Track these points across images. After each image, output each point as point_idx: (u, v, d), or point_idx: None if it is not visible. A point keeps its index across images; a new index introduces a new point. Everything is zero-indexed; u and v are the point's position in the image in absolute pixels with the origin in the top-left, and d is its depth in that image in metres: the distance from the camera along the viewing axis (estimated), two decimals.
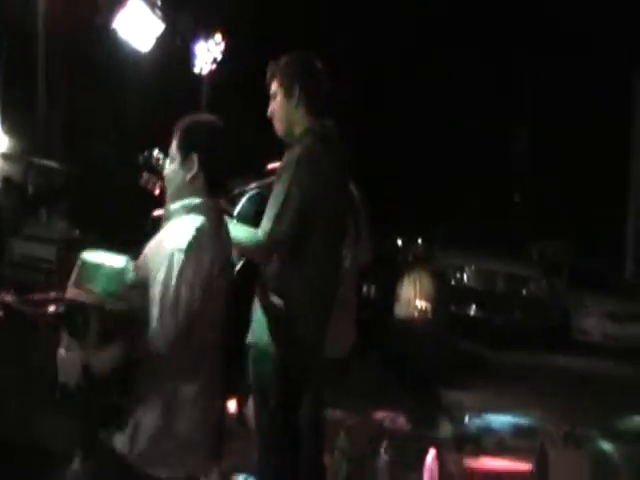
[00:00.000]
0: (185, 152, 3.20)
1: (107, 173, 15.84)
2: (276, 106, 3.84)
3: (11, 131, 19.56)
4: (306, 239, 3.65)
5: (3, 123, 18.94)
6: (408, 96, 22.51)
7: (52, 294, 3.66)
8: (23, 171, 17.32)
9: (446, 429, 6.63)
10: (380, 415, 6.64)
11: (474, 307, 12.89)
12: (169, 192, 3.26)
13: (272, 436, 3.76)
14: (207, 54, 17.21)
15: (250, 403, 3.95)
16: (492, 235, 16.11)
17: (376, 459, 4.95)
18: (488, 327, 12.49)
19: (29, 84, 17.58)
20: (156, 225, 3.28)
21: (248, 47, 17.33)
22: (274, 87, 3.84)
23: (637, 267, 19.35)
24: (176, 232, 3.09)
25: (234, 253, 3.49)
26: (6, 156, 17.91)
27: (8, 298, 3.70)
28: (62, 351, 2.91)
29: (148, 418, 2.99)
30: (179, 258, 3.00)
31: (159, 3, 13.53)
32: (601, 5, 19.09)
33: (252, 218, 3.74)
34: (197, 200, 3.17)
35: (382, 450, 4.78)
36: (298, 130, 3.82)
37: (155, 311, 2.96)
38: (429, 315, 8.68)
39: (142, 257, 3.09)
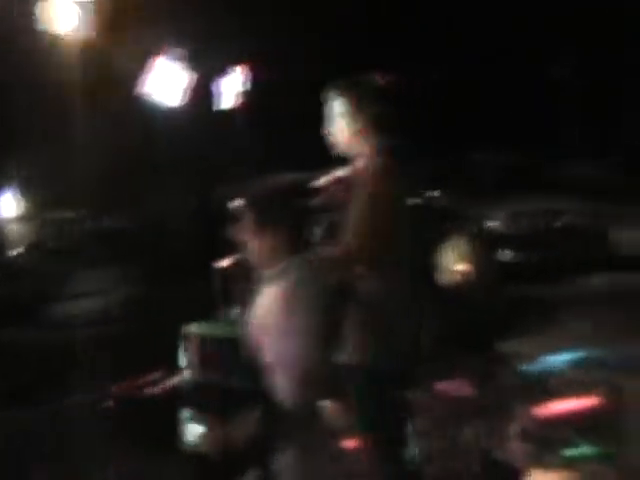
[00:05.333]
0: (261, 229, 3.31)
1: (151, 222, 15.77)
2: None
3: (27, 190, 19.58)
4: (386, 252, 3.83)
5: (21, 184, 19.02)
6: None
7: (156, 375, 3.72)
8: (39, 228, 17.18)
9: (510, 382, 6.61)
10: (444, 386, 6.63)
11: (513, 252, 12.76)
12: (256, 260, 3.32)
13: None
14: (233, 88, 16.90)
15: None
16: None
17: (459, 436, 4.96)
18: (530, 268, 12.43)
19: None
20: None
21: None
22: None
23: None
24: (278, 296, 3.28)
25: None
26: (22, 218, 17.93)
27: (115, 389, 3.81)
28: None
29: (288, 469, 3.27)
30: (286, 314, 3.23)
31: (186, 54, 13.46)
32: None
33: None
34: (286, 263, 3.34)
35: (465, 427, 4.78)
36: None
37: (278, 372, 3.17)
38: (472, 276, 8.62)
39: (252, 326, 3.31)
